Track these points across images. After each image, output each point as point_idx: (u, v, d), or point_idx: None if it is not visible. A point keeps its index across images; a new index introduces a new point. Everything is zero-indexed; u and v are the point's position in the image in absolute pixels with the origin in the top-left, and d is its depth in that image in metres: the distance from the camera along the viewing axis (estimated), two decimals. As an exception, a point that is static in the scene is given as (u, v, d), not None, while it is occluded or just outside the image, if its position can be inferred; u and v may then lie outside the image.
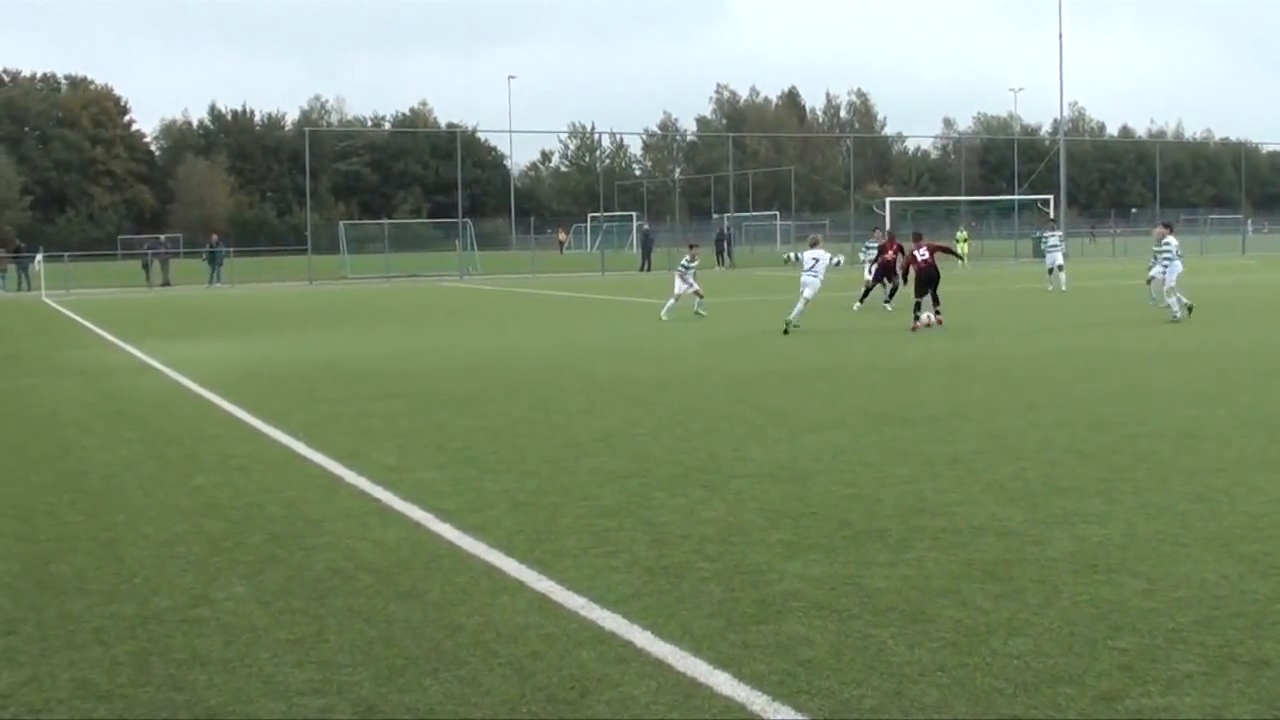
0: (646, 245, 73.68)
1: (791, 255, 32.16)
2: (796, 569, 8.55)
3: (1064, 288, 41.29)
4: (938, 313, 28.94)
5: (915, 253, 29.74)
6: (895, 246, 34.06)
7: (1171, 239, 30.43)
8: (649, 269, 70.06)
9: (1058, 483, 11.27)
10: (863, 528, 9.72)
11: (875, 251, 36.64)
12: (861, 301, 34.70)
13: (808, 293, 29.02)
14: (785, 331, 27.53)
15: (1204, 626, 7.23)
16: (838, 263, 30.46)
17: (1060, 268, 42.63)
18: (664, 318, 32.15)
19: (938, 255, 29.94)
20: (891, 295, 34.39)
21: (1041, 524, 9.75)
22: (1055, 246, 43.76)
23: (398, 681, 6.62)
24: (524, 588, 8.27)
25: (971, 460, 12.40)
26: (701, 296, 32.87)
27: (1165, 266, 30.47)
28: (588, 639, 7.20)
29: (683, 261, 33.84)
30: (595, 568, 8.69)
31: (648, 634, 7.24)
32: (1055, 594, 7.91)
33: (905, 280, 31.33)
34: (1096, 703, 6.18)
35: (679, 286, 32.79)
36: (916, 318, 28.62)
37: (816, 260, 29.52)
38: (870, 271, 35.92)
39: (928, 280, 29.20)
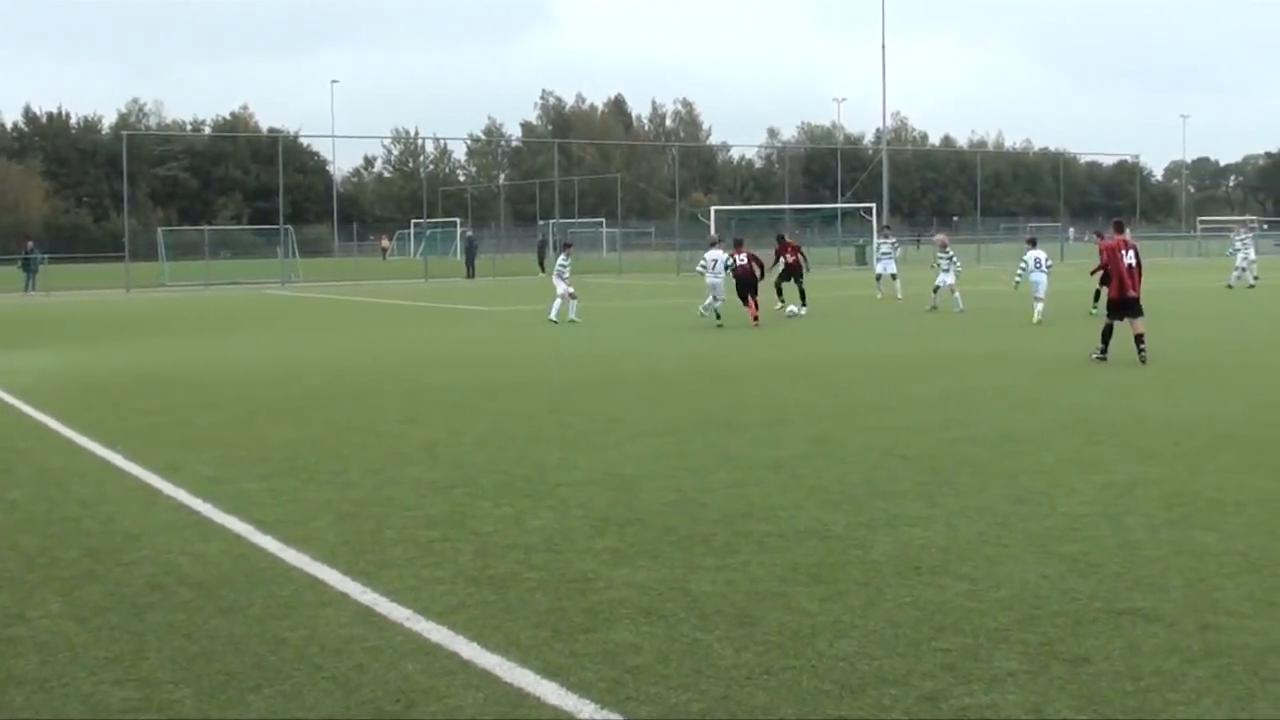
0: (470, 252, 73.42)
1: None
2: (623, 576, 8.55)
3: (899, 295, 41.24)
4: (755, 304, 31.42)
5: (735, 257, 32.06)
6: (793, 249, 35.35)
7: (1037, 252, 32.53)
8: (473, 276, 69.91)
9: (880, 486, 11.41)
10: (688, 533, 9.76)
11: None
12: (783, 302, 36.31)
13: (717, 291, 31.28)
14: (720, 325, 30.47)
15: (1025, 625, 7.36)
16: (730, 263, 31.88)
17: (894, 276, 41.92)
18: (576, 319, 33.37)
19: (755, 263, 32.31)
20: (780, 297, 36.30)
21: (865, 527, 9.87)
22: (888, 254, 43.38)
23: (220, 698, 6.50)
24: (348, 600, 8.18)
25: (796, 465, 12.51)
26: (575, 297, 33.75)
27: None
28: (413, 651, 7.14)
29: (560, 261, 34.37)
30: (420, 579, 8.61)
31: (474, 645, 7.19)
32: (879, 596, 7.99)
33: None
34: (921, 703, 6.25)
35: (561, 287, 33.32)
36: (755, 315, 31.17)
37: (716, 261, 31.71)
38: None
39: (747, 284, 31.69)
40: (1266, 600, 7.81)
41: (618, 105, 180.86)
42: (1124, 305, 21.04)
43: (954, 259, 35.79)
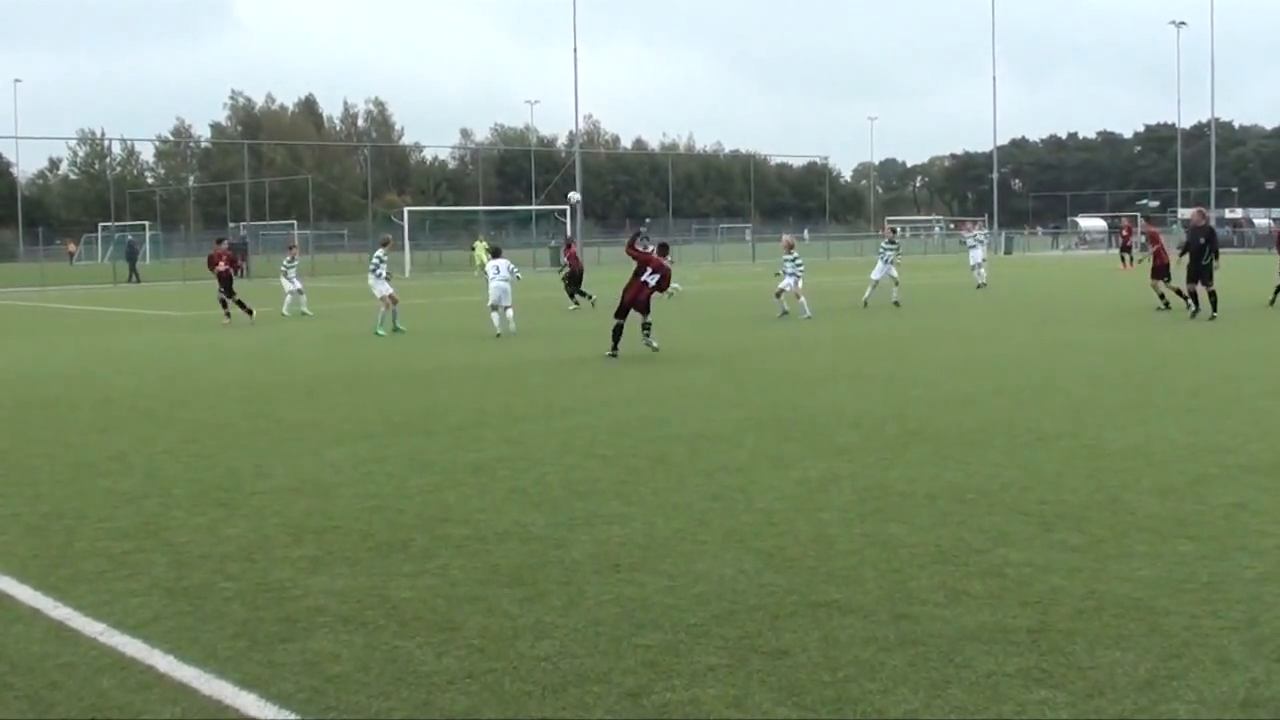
0: (132, 256, 71.70)
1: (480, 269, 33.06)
2: (321, 584, 8.46)
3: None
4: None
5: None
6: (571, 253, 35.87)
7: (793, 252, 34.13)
8: (137, 280, 68.43)
9: (578, 486, 11.49)
10: (387, 539, 9.70)
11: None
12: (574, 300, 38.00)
13: (504, 300, 29.60)
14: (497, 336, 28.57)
15: (724, 620, 7.48)
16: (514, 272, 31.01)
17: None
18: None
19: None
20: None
21: (563, 527, 9.93)
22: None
23: (-99, 722, 6.24)
24: (39, 615, 7.95)
25: (494, 467, 12.52)
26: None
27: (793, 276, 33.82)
28: (108, 666, 6.96)
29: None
30: (114, 592, 8.40)
31: (170, 658, 7.05)
32: (579, 595, 8.05)
33: None
34: (624, 700, 6.31)
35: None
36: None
37: (498, 269, 30.17)
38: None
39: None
40: (958, 589, 8.08)
41: (308, 106, 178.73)
42: (627, 309, 24.02)
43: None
